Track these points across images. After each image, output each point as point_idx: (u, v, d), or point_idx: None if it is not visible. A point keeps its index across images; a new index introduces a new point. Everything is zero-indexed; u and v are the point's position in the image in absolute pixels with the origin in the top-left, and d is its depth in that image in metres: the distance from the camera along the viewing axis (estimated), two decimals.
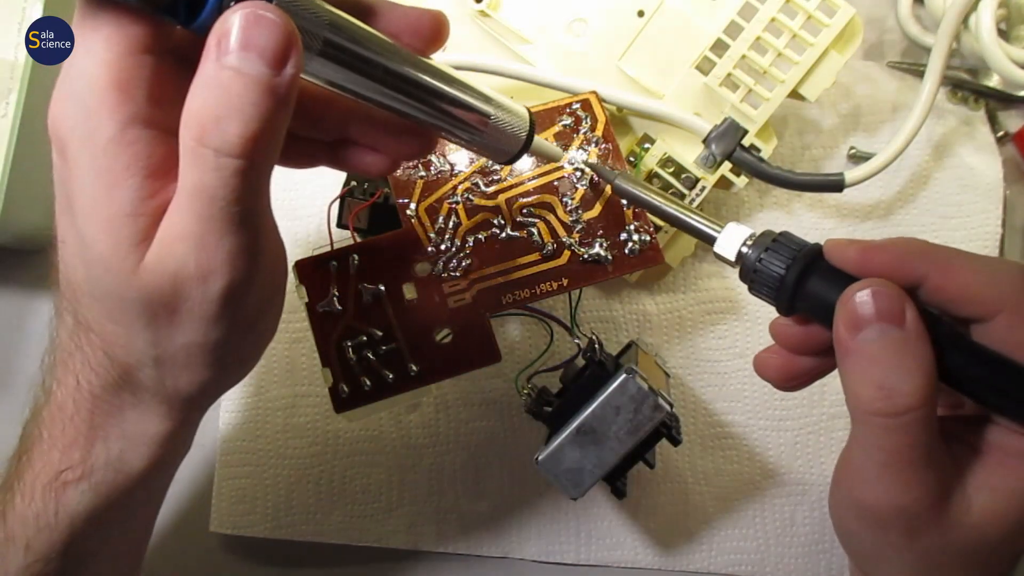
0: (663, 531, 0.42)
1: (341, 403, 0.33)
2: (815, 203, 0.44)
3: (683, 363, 0.43)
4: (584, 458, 0.33)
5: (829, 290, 0.26)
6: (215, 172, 0.21)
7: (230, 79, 0.21)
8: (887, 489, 0.25)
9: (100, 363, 0.26)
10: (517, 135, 0.30)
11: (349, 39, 0.24)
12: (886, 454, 0.25)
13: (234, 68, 0.21)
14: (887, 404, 0.24)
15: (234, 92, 0.21)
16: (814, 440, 0.42)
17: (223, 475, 0.43)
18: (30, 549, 0.28)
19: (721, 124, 0.38)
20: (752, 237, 0.28)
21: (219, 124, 0.21)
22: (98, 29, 0.22)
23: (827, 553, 0.41)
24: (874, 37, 0.45)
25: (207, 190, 0.22)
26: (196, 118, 0.21)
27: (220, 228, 0.22)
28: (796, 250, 0.27)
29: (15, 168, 0.41)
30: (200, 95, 0.21)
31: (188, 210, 0.22)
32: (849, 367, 0.25)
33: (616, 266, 0.34)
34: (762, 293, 0.28)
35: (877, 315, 0.24)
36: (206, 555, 0.44)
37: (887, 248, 0.26)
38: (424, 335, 0.33)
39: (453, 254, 0.34)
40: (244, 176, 0.22)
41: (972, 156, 0.43)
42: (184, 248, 0.22)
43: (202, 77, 0.21)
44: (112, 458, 0.27)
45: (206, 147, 0.21)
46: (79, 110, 0.22)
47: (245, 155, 0.21)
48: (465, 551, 0.43)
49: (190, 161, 0.22)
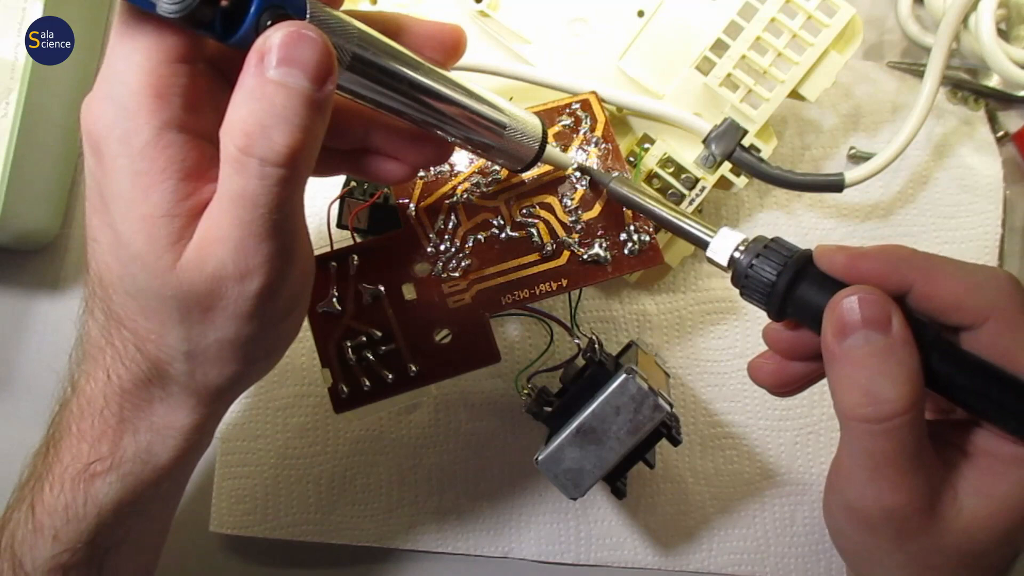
0: (663, 531, 0.42)
1: (340, 403, 0.33)
2: (815, 203, 0.44)
3: (683, 363, 0.43)
4: (584, 458, 0.33)
5: (818, 296, 0.26)
6: (259, 180, 0.22)
7: (274, 92, 0.22)
8: (876, 492, 0.25)
9: (131, 358, 0.27)
10: (531, 145, 0.31)
11: (376, 54, 0.25)
12: (873, 458, 0.25)
13: (278, 82, 0.22)
14: (872, 410, 0.24)
15: (279, 104, 0.22)
16: (814, 440, 0.42)
17: (223, 475, 0.43)
18: (58, 539, 0.29)
19: (721, 124, 0.38)
20: (745, 242, 0.28)
21: (265, 134, 0.22)
22: (138, 39, 0.23)
23: (827, 553, 0.41)
24: (874, 37, 0.45)
25: (250, 197, 0.23)
26: (241, 128, 0.22)
27: (260, 232, 0.23)
28: (787, 256, 0.27)
29: (15, 168, 0.41)
30: (244, 106, 0.22)
31: (229, 214, 0.23)
32: (836, 373, 0.25)
33: (616, 266, 0.34)
34: (754, 298, 0.28)
35: (863, 321, 0.25)
36: (206, 555, 0.44)
37: (875, 255, 0.26)
38: (424, 335, 0.33)
39: (453, 254, 0.34)
40: (286, 184, 0.23)
41: (972, 156, 0.43)
42: (223, 250, 0.23)
43: (245, 89, 0.22)
44: (140, 450, 0.28)
45: (252, 156, 0.22)
46: (117, 113, 0.23)
47: (289, 164, 0.22)
48: (465, 551, 0.43)
49: (234, 169, 0.23)
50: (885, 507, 0.25)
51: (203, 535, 0.43)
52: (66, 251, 0.46)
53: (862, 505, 0.26)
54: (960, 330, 0.26)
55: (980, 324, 0.25)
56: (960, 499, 0.25)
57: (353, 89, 0.25)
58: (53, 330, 0.46)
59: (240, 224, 0.23)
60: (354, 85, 0.25)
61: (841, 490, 0.27)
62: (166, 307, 0.25)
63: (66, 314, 0.46)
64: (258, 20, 0.22)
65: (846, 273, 0.26)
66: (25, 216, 0.43)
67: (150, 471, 0.28)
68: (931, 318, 0.26)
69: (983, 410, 0.26)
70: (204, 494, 0.43)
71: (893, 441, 0.24)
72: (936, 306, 0.25)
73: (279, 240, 0.24)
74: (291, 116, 0.22)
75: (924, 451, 0.25)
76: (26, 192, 0.42)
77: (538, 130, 0.31)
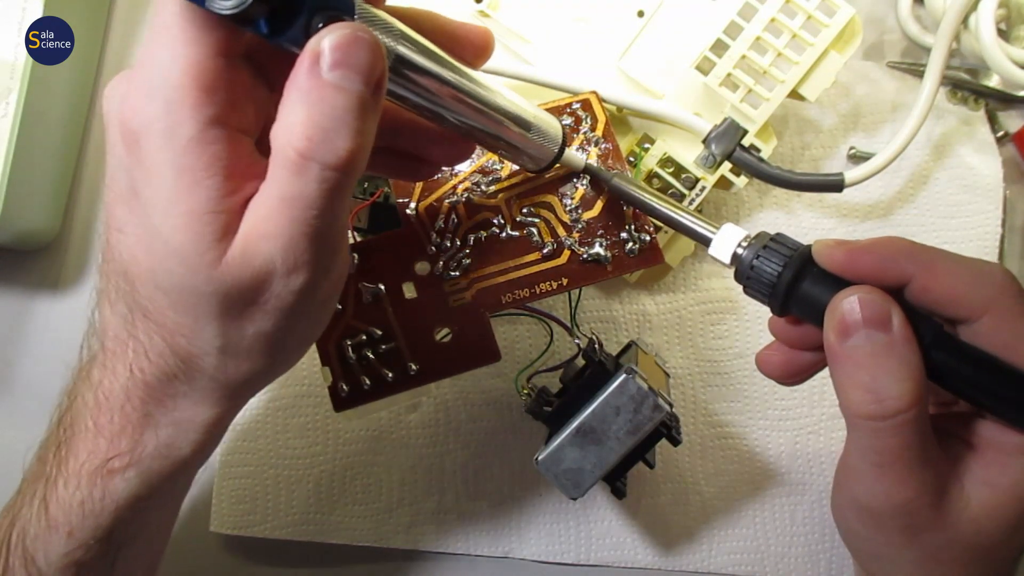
0: (663, 531, 0.42)
1: (340, 402, 0.33)
2: (815, 203, 0.44)
3: (683, 363, 0.43)
4: (584, 458, 0.33)
5: (820, 294, 0.26)
6: (318, 184, 0.22)
7: (333, 95, 0.22)
8: (883, 489, 0.25)
9: (158, 352, 0.26)
10: (551, 147, 0.32)
11: (417, 55, 0.25)
12: (879, 455, 0.25)
13: (336, 85, 0.22)
14: (876, 408, 0.25)
15: (338, 108, 0.22)
16: (814, 440, 0.42)
17: (223, 475, 0.43)
18: (73, 536, 0.28)
19: (721, 124, 0.38)
20: (748, 239, 0.28)
21: (327, 139, 0.22)
22: (184, 31, 0.23)
23: (827, 553, 0.41)
24: (874, 37, 0.45)
25: (306, 198, 0.23)
26: (301, 132, 0.22)
27: (312, 232, 0.23)
28: (790, 252, 0.27)
29: (15, 168, 0.41)
30: (301, 109, 0.22)
31: (281, 213, 0.23)
32: (839, 373, 0.26)
33: (616, 266, 0.34)
34: (757, 295, 0.28)
35: (864, 321, 0.25)
36: (206, 555, 0.44)
37: (873, 249, 0.26)
38: (424, 334, 0.33)
39: (453, 253, 0.34)
40: (342, 187, 0.23)
41: (972, 156, 0.43)
42: (272, 246, 0.23)
43: (300, 91, 0.22)
44: (161, 445, 0.28)
45: (312, 160, 0.22)
46: (160, 106, 0.23)
47: (348, 168, 0.22)
48: (465, 551, 0.43)
49: (292, 171, 0.22)
50: (894, 503, 0.25)
51: (203, 535, 0.43)
52: (66, 251, 0.46)
53: (871, 502, 0.26)
54: (958, 323, 0.26)
55: (978, 317, 0.25)
56: (967, 491, 0.26)
57: (392, 90, 0.25)
58: (53, 330, 0.46)
59: (292, 222, 0.23)
60: (394, 85, 0.25)
61: (849, 488, 0.27)
62: (204, 302, 0.24)
63: (66, 314, 0.46)
64: (309, 20, 0.22)
65: (845, 269, 0.26)
66: (25, 216, 0.43)
67: (170, 466, 0.28)
68: (929, 311, 0.26)
69: (986, 402, 0.26)
70: (204, 494, 0.43)
71: (899, 437, 0.25)
72: (934, 299, 0.25)
73: (328, 239, 0.24)
74: (350, 120, 0.22)
75: (929, 445, 0.25)
76: (26, 192, 0.42)
77: (559, 132, 0.32)
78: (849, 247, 0.26)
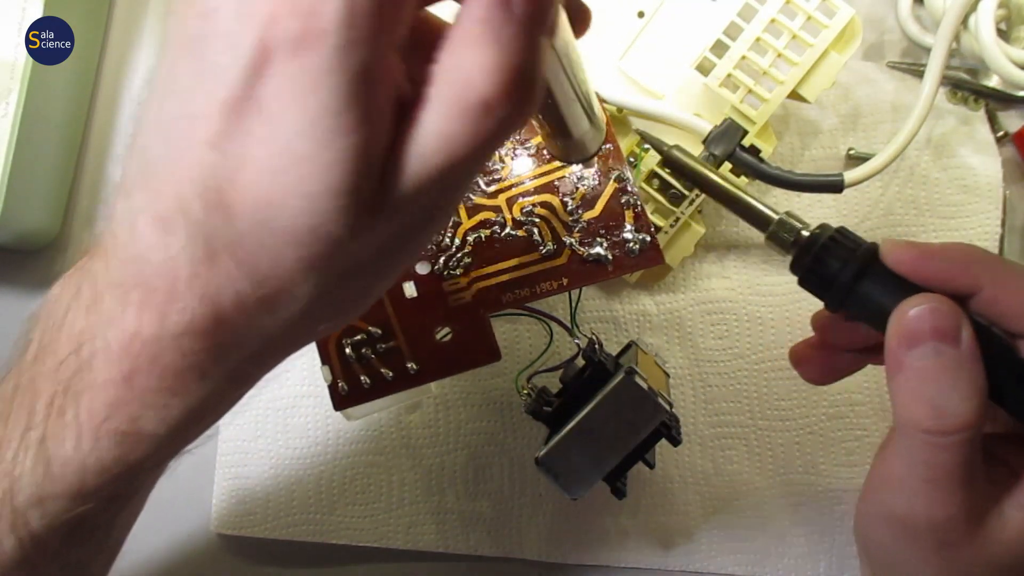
0: (663, 531, 0.42)
1: (340, 400, 0.33)
2: (814, 203, 0.44)
3: (683, 363, 0.43)
4: (584, 458, 0.33)
5: (882, 295, 0.26)
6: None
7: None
8: (927, 504, 0.25)
9: (234, 296, 0.21)
10: (597, 140, 0.31)
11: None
12: (931, 470, 0.25)
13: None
14: (938, 423, 0.24)
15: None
16: (814, 440, 0.42)
17: (223, 475, 0.43)
18: (80, 495, 0.24)
19: (721, 124, 0.38)
20: (808, 228, 0.28)
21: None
22: None
23: (827, 553, 0.41)
24: (874, 37, 0.45)
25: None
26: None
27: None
28: (853, 249, 0.26)
29: (15, 168, 0.41)
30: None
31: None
32: (900, 382, 0.25)
33: (616, 266, 0.34)
34: (812, 287, 0.27)
35: (932, 332, 0.24)
36: (206, 555, 0.44)
37: (944, 255, 0.25)
38: (424, 333, 0.33)
39: (453, 253, 0.34)
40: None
41: (972, 156, 0.43)
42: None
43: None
44: (195, 408, 0.23)
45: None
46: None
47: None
48: (465, 551, 0.43)
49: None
50: (933, 518, 0.25)
51: (203, 535, 0.43)
52: (66, 251, 0.46)
53: (909, 514, 0.25)
54: (1019, 338, 0.25)
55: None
56: (1005, 513, 0.25)
57: None
58: None
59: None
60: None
61: (887, 499, 0.27)
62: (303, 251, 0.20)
63: None
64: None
65: (913, 271, 0.26)
66: (25, 216, 0.43)
67: (197, 431, 0.25)
68: (991, 322, 0.25)
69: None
70: (204, 494, 0.43)
71: (954, 454, 0.24)
72: (1001, 312, 0.25)
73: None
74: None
75: (977, 465, 0.25)
76: (26, 192, 0.42)
77: (603, 128, 0.32)
78: (921, 249, 0.26)
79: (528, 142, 0.36)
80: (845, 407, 0.42)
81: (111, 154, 0.47)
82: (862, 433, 0.42)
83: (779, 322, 0.43)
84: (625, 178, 0.35)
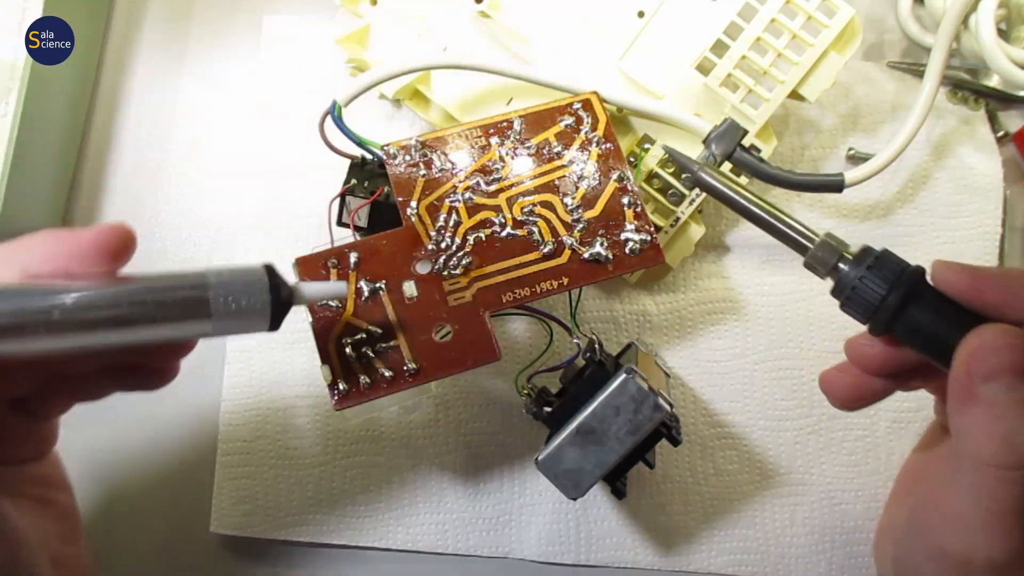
0: (663, 531, 0.42)
1: (340, 400, 0.33)
2: (814, 203, 0.44)
3: (683, 363, 0.43)
4: (584, 458, 0.33)
5: (936, 322, 0.25)
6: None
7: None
8: (987, 538, 0.25)
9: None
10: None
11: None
12: (999, 504, 0.24)
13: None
14: (1012, 458, 0.24)
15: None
16: (814, 440, 0.42)
17: (223, 475, 0.43)
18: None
19: (721, 124, 0.38)
20: (849, 251, 0.28)
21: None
22: None
23: (827, 553, 0.41)
24: (874, 37, 0.45)
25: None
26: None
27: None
28: (899, 271, 0.26)
29: (15, 168, 0.41)
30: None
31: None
32: (969, 416, 0.25)
33: (616, 265, 0.34)
34: (855, 312, 0.27)
35: (1010, 368, 0.24)
36: (206, 555, 0.44)
37: (1001, 280, 0.25)
38: (424, 333, 0.33)
39: (453, 252, 0.34)
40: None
41: (972, 156, 0.43)
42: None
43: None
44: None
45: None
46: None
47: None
48: (465, 551, 0.43)
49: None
50: (991, 554, 0.25)
51: (203, 535, 0.43)
52: None
53: (963, 549, 0.25)
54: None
55: None
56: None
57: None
58: None
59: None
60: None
61: (937, 531, 0.26)
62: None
63: None
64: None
65: (967, 296, 0.25)
66: (25, 216, 0.43)
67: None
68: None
69: None
70: (204, 494, 0.43)
71: (1021, 489, 0.24)
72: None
73: None
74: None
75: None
76: (26, 192, 0.42)
77: None
78: (976, 273, 0.25)
79: (528, 142, 0.36)
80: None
81: (111, 154, 0.47)
82: (862, 433, 0.42)
83: (779, 322, 0.43)
84: (625, 178, 0.35)
